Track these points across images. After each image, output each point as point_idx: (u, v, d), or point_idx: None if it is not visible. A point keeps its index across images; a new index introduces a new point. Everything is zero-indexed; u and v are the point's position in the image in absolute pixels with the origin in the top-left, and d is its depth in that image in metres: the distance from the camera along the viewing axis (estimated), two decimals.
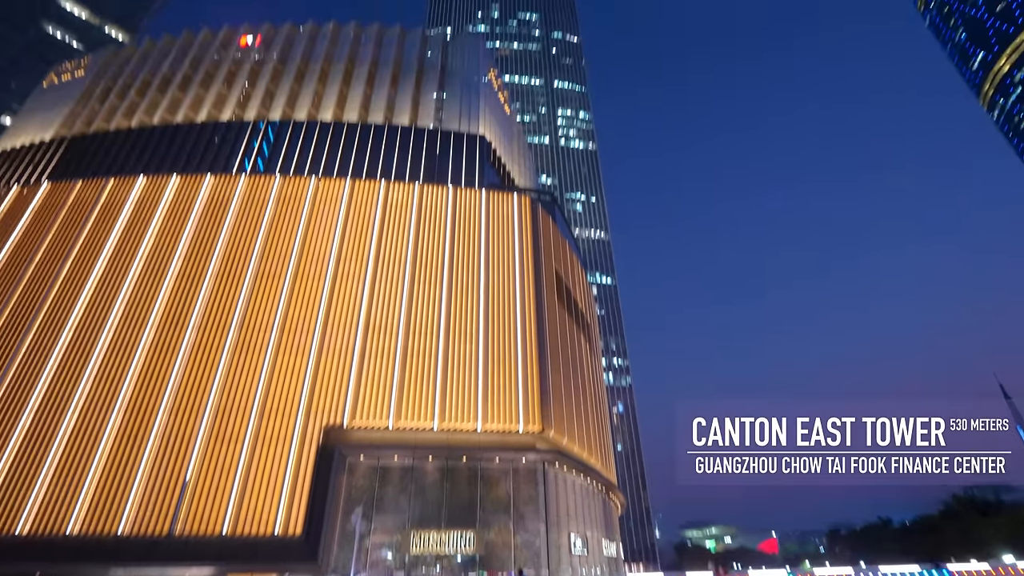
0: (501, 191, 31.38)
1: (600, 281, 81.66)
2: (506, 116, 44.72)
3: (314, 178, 29.89)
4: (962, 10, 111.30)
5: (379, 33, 43.87)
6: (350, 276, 26.67)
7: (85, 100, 42.17)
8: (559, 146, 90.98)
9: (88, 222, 28.57)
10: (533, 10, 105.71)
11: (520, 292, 27.47)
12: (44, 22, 71.98)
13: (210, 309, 25.09)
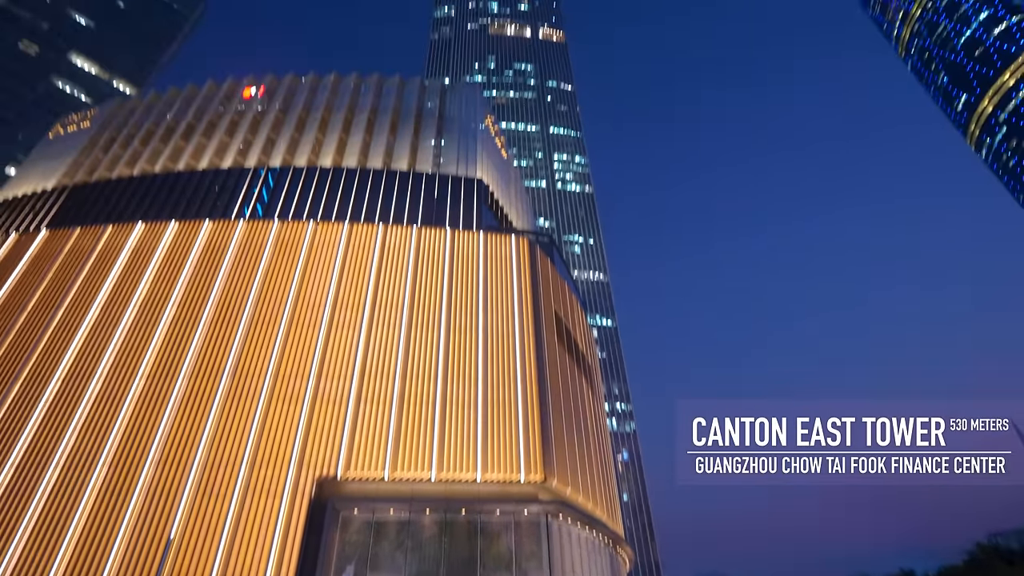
0: (499, 233, 31.32)
1: (600, 323, 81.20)
2: (503, 160, 45.28)
3: (312, 222, 29.87)
4: (942, 55, 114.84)
5: (378, 83, 44.89)
6: (346, 321, 26.24)
7: (89, 150, 42.71)
8: (556, 189, 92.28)
9: (84, 269, 28.35)
10: (528, 61, 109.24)
11: (520, 335, 27.00)
12: (54, 77, 74.01)
13: (202, 357, 24.54)
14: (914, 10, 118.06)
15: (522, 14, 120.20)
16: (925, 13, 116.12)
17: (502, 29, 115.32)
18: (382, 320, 26.33)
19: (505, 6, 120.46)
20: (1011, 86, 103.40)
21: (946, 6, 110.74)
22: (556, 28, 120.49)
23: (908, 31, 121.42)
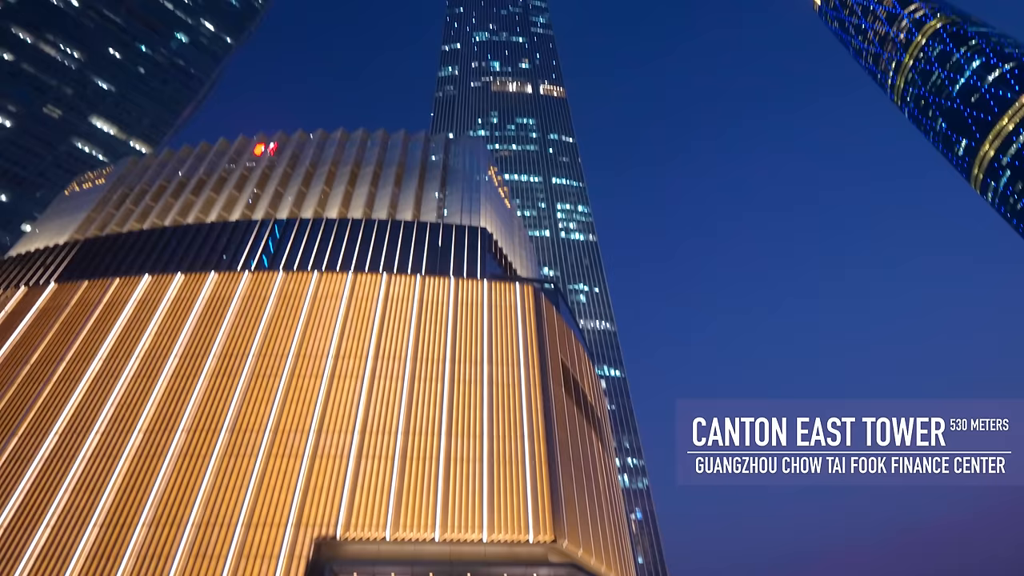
0: (503, 281, 31.19)
1: (608, 374, 79.96)
2: (507, 209, 45.75)
3: (316, 273, 29.91)
4: (938, 102, 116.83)
5: (384, 138, 46.04)
6: (348, 373, 25.81)
7: (102, 206, 43.59)
8: (560, 238, 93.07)
9: (88, 322, 28.31)
10: (530, 116, 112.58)
11: (526, 387, 26.38)
12: (74, 138, 76.67)
13: (201, 411, 24.06)
14: (906, 60, 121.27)
15: (523, 72, 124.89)
16: (917, 63, 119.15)
17: (504, 86, 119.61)
18: (385, 372, 25.88)
19: (507, 65, 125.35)
20: (1010, 130, 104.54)
21: (938, 56, 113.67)
22: (556, 85, 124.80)
23: (902, 80, 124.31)
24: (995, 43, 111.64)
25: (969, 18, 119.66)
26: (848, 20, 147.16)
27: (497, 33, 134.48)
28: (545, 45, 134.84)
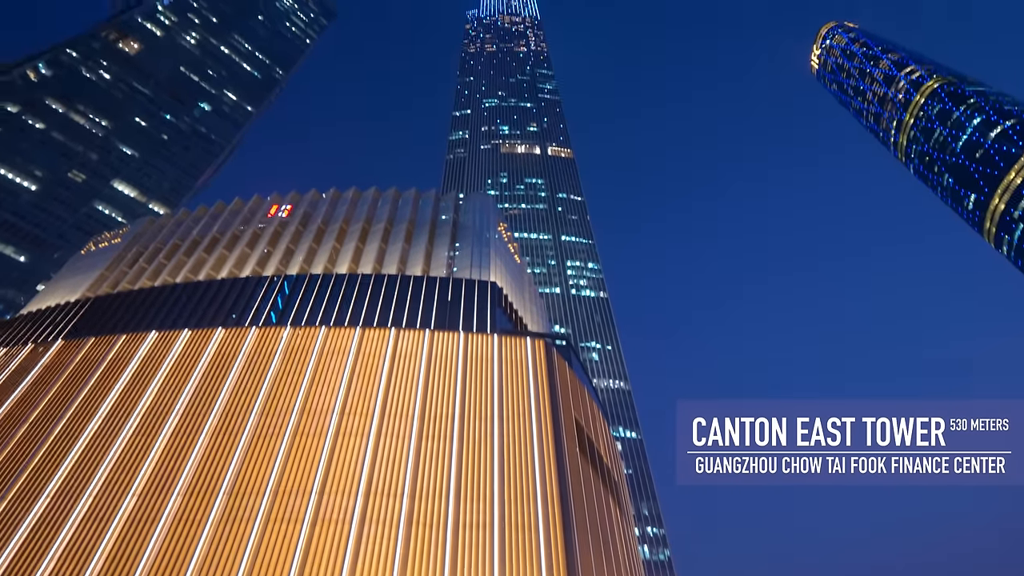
0: (514, 335, 30.49)
1: (624, 435, 77.34)
2: (517, 265, 45.61)
3: (324, 328, 29.44)
4: (943, 158, 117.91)
5: (395, 196, 46.73)
6: (354, 431, 24.81)
7: (115, 264, 44.03)
8: (570, 295, 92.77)
9: (91, 379, 27.77)
10: (538, 176, 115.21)
11: (538, 447, 25.15)
12: (96, 201, 78.95)
13: (199, 473, 23.03)
14: (907, 119, 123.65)
15: (531, 134, 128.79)
16: (918, 121, 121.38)
17: (513, 148, 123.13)
18: (391, 430, 24.85)
19: (515, 128, 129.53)
20: (1019, 183, 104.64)
21: (938, 114, 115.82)
22: (564, 146, 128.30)
23: (904, 138, 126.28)
24: (993, 101, 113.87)
25: (965, 78, 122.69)
26: (846, 83, 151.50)
27: (506, 99, 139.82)
28: (552, 109, 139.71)
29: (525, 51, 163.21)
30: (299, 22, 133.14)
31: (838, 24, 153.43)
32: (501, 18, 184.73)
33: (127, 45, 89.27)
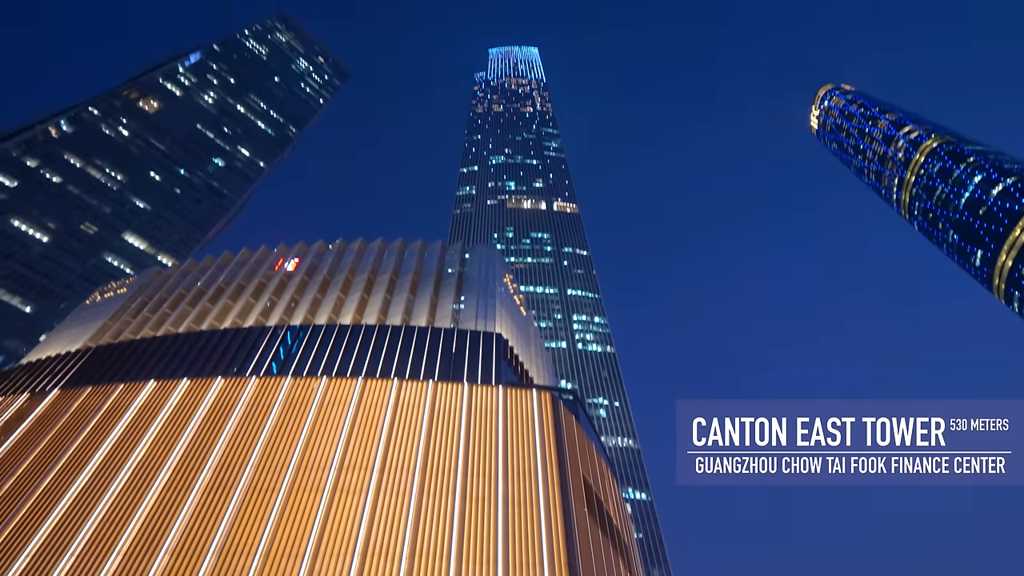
0: (519, 388, 29.67)
1: (634, 496, 74.38)
2: (523, 317, 45.13)
3: (325, 378, 28.75)
4: (946, 215, 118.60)
5: (401, 247, 46.92)
6: (352, 488, 23.70)
7: (119, 314, 43.83)
8: (577, 350, 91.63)
9: (84, 430, 26.94)
10: (544, 230, 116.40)
11: (545, 505, 23.92)
12: (105, 253, 79.82)
13: (188, 531, 21.86)
14: (908, 176, 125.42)
15: (537, 190, 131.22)
16: (919, 179, 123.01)
17: (519, 203, 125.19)
18: (391, 486, 23.74)
19: (521, 184, 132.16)
20: None
21: (939, 172, 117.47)
22: (569, 201, 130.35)
23: (907, 195, 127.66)
24: (993, 159, 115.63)
25: (963, 137, 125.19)
26: (846, 142, 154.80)
27: (512, 156, 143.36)
28: (558, 166, 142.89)
29: (531, 111, 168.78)
30: (314, 83, 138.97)
31: (835, 86, 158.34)
32: (508, 80, 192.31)
33: (147, 104, 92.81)
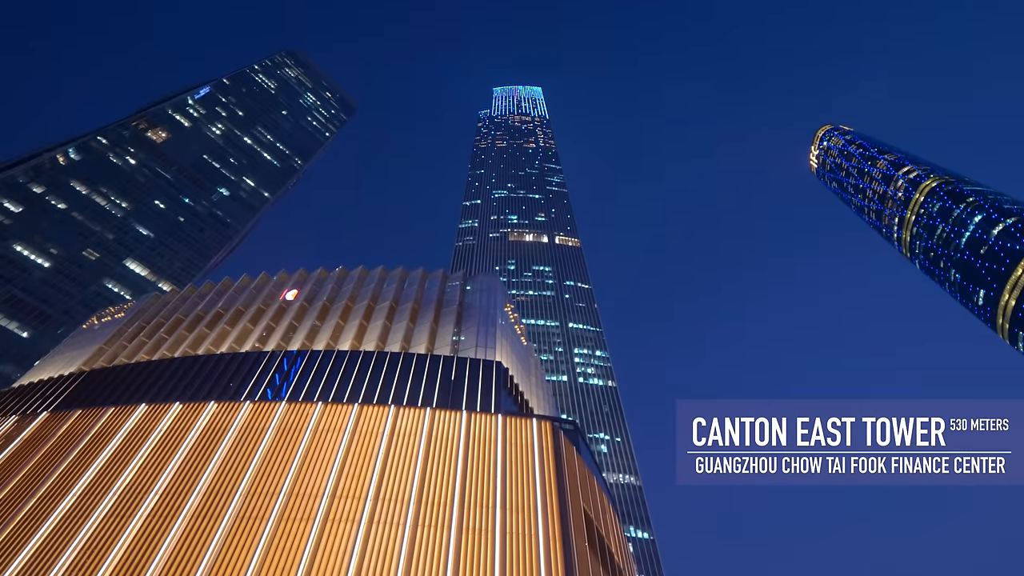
0: (519, 417, 28.95)
1: (635, 535, 72.22)
2: (523, 347, 44.57)
3: (320, 404, 28.10)
4: (947, 254, 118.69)
5: (402, 275, 46.74)
6: (344, 517, 22.83)
7: (115, 338, 43.34)
8: (578, 383, 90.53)
9: (71, 453, 26.19)
10: (546, 264, 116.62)
11: (544, 539, 22.97)
12: (106, 279, 79.75)
13: (174, 558, 20.94)
14: (908, 215, 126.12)
15: (539, 224, 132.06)
16: (920, 218, 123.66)
17: (521, 236, 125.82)
18: (385, 516, 22.86)
19: (524, 218, 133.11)
20: None
21: (939, 211, 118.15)
22: (571, 236, 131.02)
23: (908, 234, 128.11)
24: (992, 199, 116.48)
25: (962, 177, 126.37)
26: (845, 181, 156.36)
27: (515, 191, 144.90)
28: (560, 201, 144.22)
29: (534, 147, 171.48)
30: (320, 117, 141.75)
31: (834, 127, 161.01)
32: (512, 117, 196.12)
33: (155, 134, 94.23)
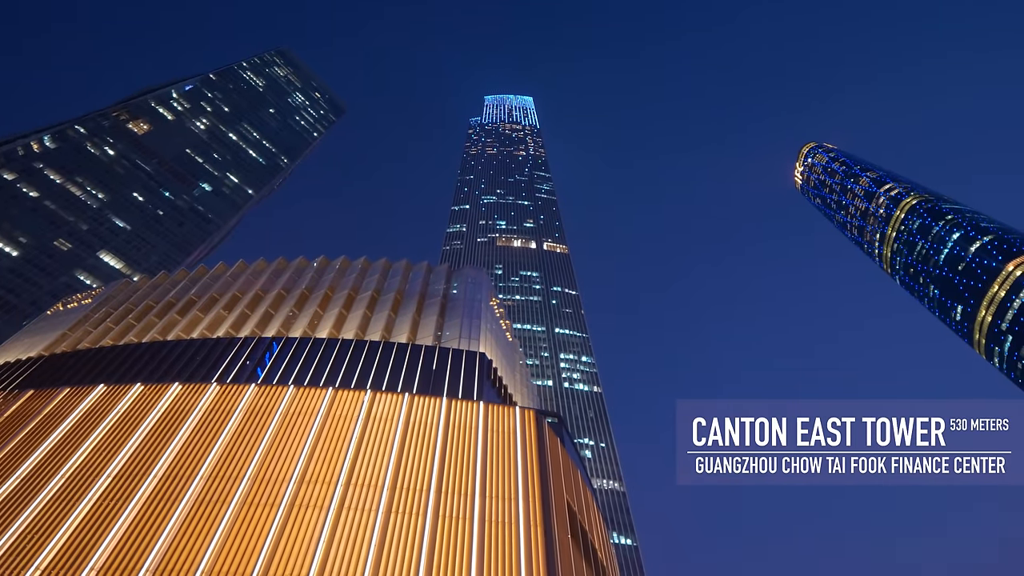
0: (502, 405, 27.66)
1: (619, 542, 70.79)
2: (508, 342, 43.32)
3: (292, 387, 26.57)
4: (927, 270, 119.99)
5: (386, 266, 45.38)
6: (312, 503, 21.29)
7: (80, 324, 41.32)
8: (563, 388, 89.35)
9: (18, 434, 24.34)
10: (534, 269, 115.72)
11: (525, 527, 21.65)
12: (78, 271, 77.13)
13: (121, 548, 19.24)
14: (889, 232, 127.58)
15: (527, 230, 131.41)
16: (900, 235, 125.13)
17: (509, 242, 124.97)
18: (356, 502, 21.36)
19: (512, 223, 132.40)
20: (1003, 296, 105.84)
21: (919, 228, 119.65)
22: (559, 243, 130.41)
23: (888, 250, 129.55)
24: (970, 218, 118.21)
25: (941, 196, 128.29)
26: (828, 197, 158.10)
27: (504, 197, 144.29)
28: (548, 208, 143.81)
29: (524, 155, 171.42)
30: (309, 117, 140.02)
31: (818, 145, 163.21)
32: (502, 125, 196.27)
33: (136, 126, 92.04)
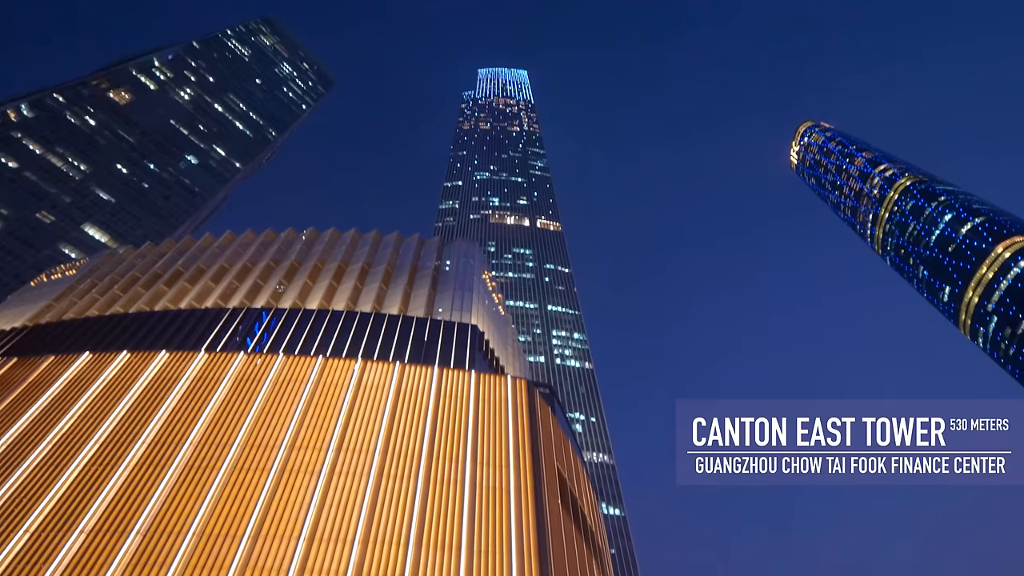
0: (493, 374, 27.66)
1: (608, 512, 71.94)
2: (501, 316, 43.23)
3: (282, 355, 26.36)
4: (917, 251, 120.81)
5: (376, 239, 44.86)
6: (303, 468, 21.26)
7: (65, 295, 40.63)
8: (555, 365, 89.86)
9: (1, 403, 24.00)
10: (527, 246, 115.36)
11: (515, 492, 21.80)
12: (62, 244, 75.81)
13: (111, 509, 19.14)
14: (882, 213, 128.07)
15: (521, 207, 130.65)
16: (893, 216, 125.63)
17: (502, 219, 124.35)
18: (347, 467, 21.36)
19: (505, 200, 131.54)
20: (990, 278, 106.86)
21: (911, 209, 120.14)
22: (553, 220, 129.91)
23: (880, 231, 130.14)
24: (963, 199, 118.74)
25: (935, 177, 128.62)
26: (824, 178, 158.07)
27: (497, 173, 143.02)
28: (542, 185, 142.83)
29: (518, 131, 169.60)
30: (297, 89, 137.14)
31: (815, 124, 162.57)
32: (496, 100, 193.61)
33: (117, 95, 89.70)
